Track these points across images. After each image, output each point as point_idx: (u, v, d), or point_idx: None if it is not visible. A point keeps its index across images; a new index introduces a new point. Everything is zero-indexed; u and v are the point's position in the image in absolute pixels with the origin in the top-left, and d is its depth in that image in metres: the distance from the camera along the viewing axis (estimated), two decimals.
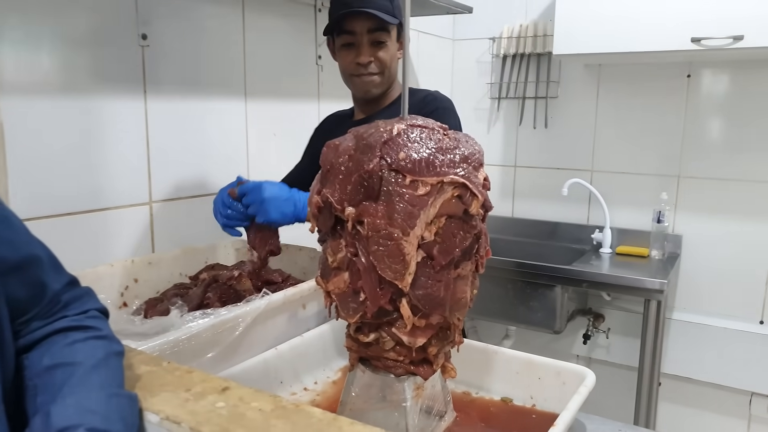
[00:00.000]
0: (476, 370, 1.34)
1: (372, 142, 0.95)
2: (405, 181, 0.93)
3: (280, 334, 1.36)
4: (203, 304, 1.41)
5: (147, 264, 1.59)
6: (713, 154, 2.96)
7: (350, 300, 1.04)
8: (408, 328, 1.00)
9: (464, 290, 1.05)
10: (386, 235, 0.93)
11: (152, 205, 1.72)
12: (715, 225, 2.99)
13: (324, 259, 1.07)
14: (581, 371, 1.26)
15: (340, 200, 0.97)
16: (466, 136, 1.02)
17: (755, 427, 3.00)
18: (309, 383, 1.36)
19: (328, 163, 1.00)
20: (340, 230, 1.02)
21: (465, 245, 1.00)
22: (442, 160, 0.95)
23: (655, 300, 2.57)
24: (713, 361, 2.95)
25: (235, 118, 1.98)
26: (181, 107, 1.79)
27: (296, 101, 2.23)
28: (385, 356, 1.08)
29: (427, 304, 0.98)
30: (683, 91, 2.99)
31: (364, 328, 1.07)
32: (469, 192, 0.97)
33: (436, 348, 1.08)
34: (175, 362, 1.12)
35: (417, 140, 0.96)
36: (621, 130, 3.16)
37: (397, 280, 0.94)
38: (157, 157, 1.72)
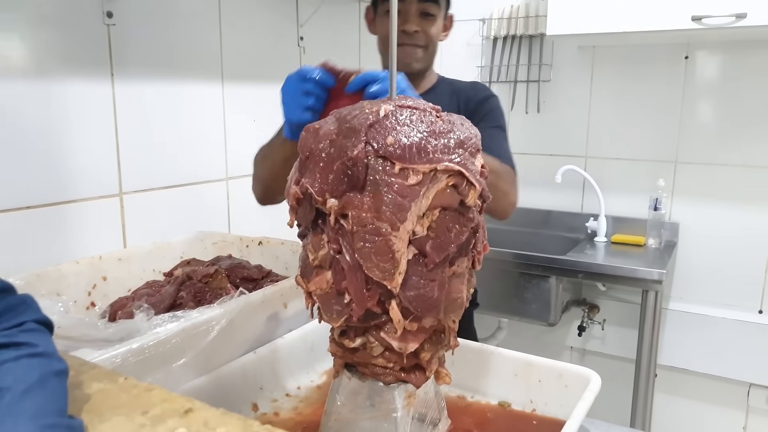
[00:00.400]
0: (471, 372, 1.26)
1: (356, 125, 0.85)
2: (394, 169, 0.83)
3: (259, 336, 1.26)
4: (176, 304, 1.30)
5: (117, 260, 1.48)
6: (711, 138, 2.88)
7: (334, 302, 0.94)
8: (398, 332, 0.90)
9: (460, 289, 0.95)
10: (373, 230, 0.83)
11: (123, 196, 1.61)
12: (714, 212, 2.91)
13: (304, 257, 0.97)
14: (585, 374, 1.17)
15: (321, 191, 0.86)
16: (461, 119, 0.92)
17: (753, 419, 2.95)
18: (292, 388, 1.27)
19: (307, 149, 0.89)
20: (322, 224, 0.92)
21: (461, 240, 0.89)
22: (435, 145, 0.85)
23: (653, 291, 2.49)
24: (710, 352, 2.89)
25: (212, 103, 1.86)
26: (152, 91, 1.66)
27: (277, 85, 2.07)
28: (374, 362, 0.99)
29: (419, 306, 0.88)
30: (681, 73, 2.90)
31: (350, 332, 0.97)
32: (466, 181, 0.87)
33: (429, 353, 0.98)
34: (143, 370, 1.02)
35: (407, 123, 0.85)
36: (616, 115, 3.07)
37: (385, 280, 0.84)
38: (127, 145, 1.61)
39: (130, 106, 1.60)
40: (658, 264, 2.56)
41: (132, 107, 1.61)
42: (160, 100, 1.69)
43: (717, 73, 2.85)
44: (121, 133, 1.59)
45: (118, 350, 0.96)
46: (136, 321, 1.07)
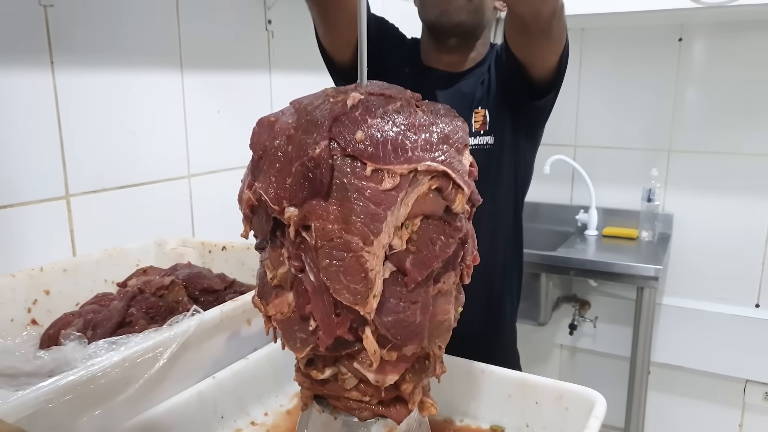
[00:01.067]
0: (460, 392, 1.12)
1: (318, 117, 0.70)
2: (365, 171, 0.68)
3: (218, 358, 1.12)
4: (125, 322, 1.15)
5: (61, 271, 1.32)
6: (707, 125, 2.77)
7: (297, 329, 0.79)
8: (374, 365, 0.76)
9: (446, 310, 0.81)
10: (342, 245, 0.69)
11: (70, 199, 1.43)
12: (709, 202, 2.80)
13: (262, 274, 0.82)
14: (589, 395, 1.04)
15: (278, 198, 0.71)
16: (445, 108, 0.77)
17: (749, 416, 2.87)
18: (258, 415, 1.13)
19: (260, 148, 0.74)
20: (281, 237, 0.77)
21: (447, 254, 0.75)
22: (414, 141, 0.70)
23: (648, 288, 2.37)
24: (705, 348, 2.80)
25: (170, 93, 1.68)
26: (100, 81, 1.48)
27: (243, 73, 1.93)
28: (347, 396, 0.84)
29: (399, 334, 0.74)
30: (674, 56, 2.78)
31: (318, 362, 0.83)
32: (452, 183, 0.72)
33: (411, 384, 0.84)
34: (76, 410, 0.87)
35: (380, 115, 0.71)
36: (606, 102, 2.95)
37: (357, 304, 0.70)
38: (73, 142, 1.43)
39: (74, 98, 1.42)
40: (653, 259, 2.44)
41: (77, 99, 1.43)
42: (109, 90, 1.50)
43: (712, 57, 2.73)
44: (66, 128, 1.41)
45: (41, 389, 0.81)
46: (67, 351, 0.92)
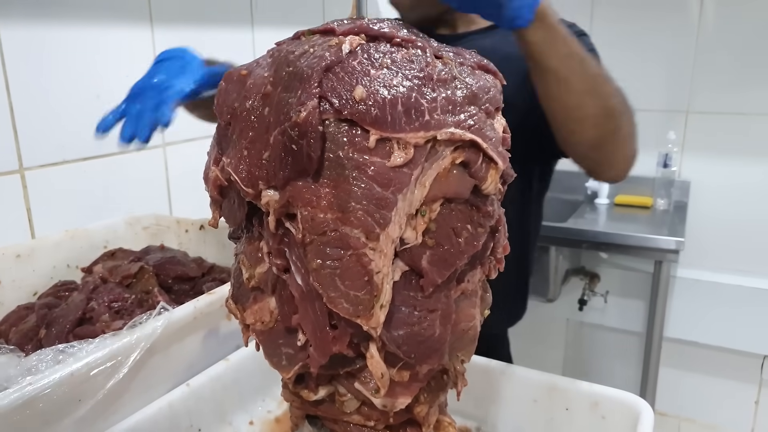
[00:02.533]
0: (478, 396, 0.98)
1: (304, 68, 0.52)
2: (367, 141, 0.51)
3: (193, 362, 0.96)
4: (85, 318, 0.98)
5: (14, 257, 1.16)
6: (728, 84, 2.57)
7: (282, 342, 0.63)
8: (382, 391, 0.59)
9: (471, 315, 0.64)
10: (337, 240, 0.52)
11: (24, 173, 1.25)
12: (728, 168, 2.63)
13: (236, 271, 0.65)
14: (632, 402, 0.90)
15: (251, 177, 0.54)
16: (472, 56, 0.59)
17: (766, 393, 2.74)
18: (242, 425, 0.98)
19: (229, 110, 0.56)
20: (259, 227, 0.60)
21: (476, 247, 0.58)
22: (433, 99, 0.52)
23: (667, 261, 2.21)
24: (722, 323, 2.65)
25: (139, 52, 1.48)
26: (56, 37, 1.28)
27: (222, 29, 1.71)
28: (347, 420, 0.68)
29: (413, 351, 0.58)
30: (695, 7, 2.58)
31: (309, 381, 0.66)
32: (482, 155, 0.55)
33: (426, 405, 0.68)
34: None
35: (387, 64, 0.53)
36: (620, 59, 2.71)
37: (359, 317, 0.54)
38: (25, 108, 1.24)
39: (24, 58, 1.23)
40: (672, 231, 2.27)
41: (28, 59, 1.24)
42: (68, 48, 1.31)
43: (734, 10, 2.53)
44: (15, 93, 1.22)
45: None
46: (1, 367, 0.75)
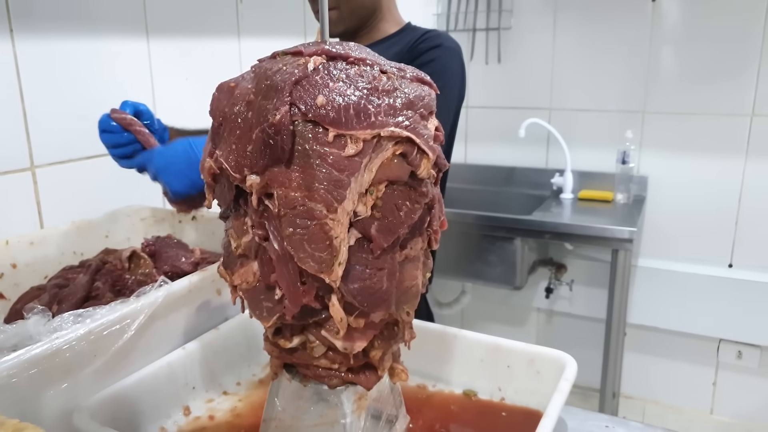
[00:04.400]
0: (432, 358, 1.13)
1: (278, 82, 0.68)
2: (327, 137, 0.67)
3: (188, 329, 1.11)
4: (90, 296, 1.13)
5: (28, 244, 1.30)
6: (680, 86, 2.76)
7: (263, 298, 0.78)
8: (341, 332, 0.75)
9: (414, 276, 0.80)
10: (305, 213, 0.68)
11: (35, 170, 1.41)
12: (683, 164, 2.81)
13: (227, 244, 0.81)
14: (559, 358, 1.05)
15: (239, 165, 0.70)
16: (413, 72, 0.75)
17: (723, 374, 2.92)
18: (230, 385, 1.13)
19: (220, 114, 0.73)
20: (244, 205, 0.76)
21: (413, 219, 0.74)
22: (378, 105, 0.68)
23: (623, 250, 2.38)
24: (680, 309, 2.83)
25: (136, 61, 1.64)
26: (63, 49, 1.44)
27: (211, 38, 1.89)
28: (316, 364, 0.84)
29: (365, 301, 0.73)
30: (647, 18, 2.76)
31: (285, 331, 0.82)
32: (417, 148, 0.71)
33: (380, 350, 0.83)
34: (42, 384, 0.86)
35: (342, 78, 0.69)
36: (581, 64, 2.93)
37: (323, 272, 0.69)
38: (37, 112, 1.39)
39: (36, 67, 1.39)
40: (627, 221, 2.45)
41: (39, 68, 1.39)
42: (72, 58, 1.47)
43: (685, 17, 2.71)
44: (29, 98, 1.37)
45: (4, 364, 0.79)
46: (30, 325, 0.90)
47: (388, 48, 1.54)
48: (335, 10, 1.48)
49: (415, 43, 1.52)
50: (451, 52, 1.52)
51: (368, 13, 1.56)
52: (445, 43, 1.52)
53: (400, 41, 1.57)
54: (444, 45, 1.51)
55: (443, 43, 1.51)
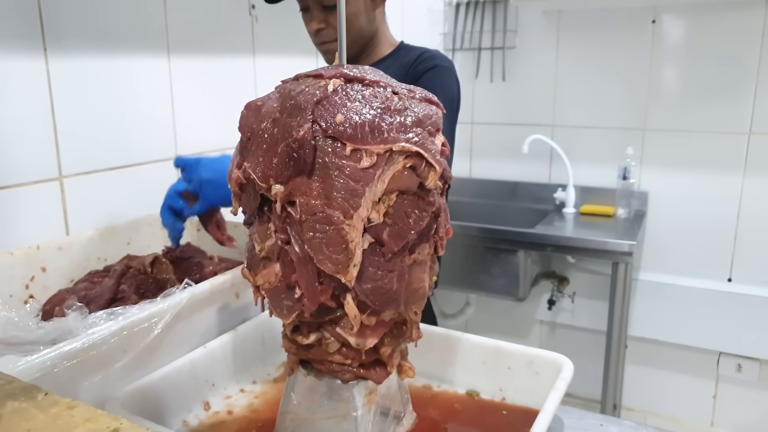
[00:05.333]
0: (437, 359, 1.20)
1: (302, 101, 0.76)
2: (345, 151, 0.74)
3: (208, 330, 1.18)
4: (116, 298, 1.21)
5: (57, 249, 1.38)
6: (680, 104, 2.83)
7: (284, 297, 0.85)
8: (355, 329, 0.83)
9: (421, 278, 0.88)
10: (324, 219, 0.75)
11: (63, 180, 1.49)
12: (682, 180, 2.87)
13: (250, 247, 0.88)
14: (557, 360, 1.11)
15: (265, 176, 0.78)
16: (422, 94, 0.83)
17: (723, 387, 2.95)
18: (246, 383, 1.20)
19: (249, 130, 0.80)
20: (268, 212, 0.83)
21: (421, 226, 0.82)
22: (390, 123, 0.76)
23: (623, 263, 2.45)
24: (680, 322, 2.87)
25: (158, 78, 1.73)
26: (91, 66, 1.53)
27: (228, 56, 1.99)
28: (330, 359, 0.91)
29: (377, 300, 0.81)
30: (648, 38, 2.83)
31: (303, 328, 0.90)
32: (425, 162, 0.79)
33: (389, 347, 0.91)
34: (78, 375, 0.93)
35: (358, 99, 0.77)
36: (583, 82, 3.00)
37: (339, 273, 0.76)
38: (66, 125, 1.48)
39: (66, 84, 1.47)
40: (627, 235, 2.51)
41: (69, 84, 1.48)
42: (99, 75, 1.56)
43: (684, 38, 2.78)
44: (59, 113, 1.46)
45: (47, 355, 0.87)
46: (69, 320, 0.98)
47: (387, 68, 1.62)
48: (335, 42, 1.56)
49: (413, 65, 1.62)
50: (447, 72, 1.63)
51: (366, 40, 1.67)
52: (441, 63, 1.62)
53: (395, 61, 1.67)
54: (440, 65, 1.62)
55: (439, 63, 1.62)
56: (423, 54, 1.65)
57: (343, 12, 0.84)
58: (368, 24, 1.64)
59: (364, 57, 1.70)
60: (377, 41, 1.70)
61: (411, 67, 1.62)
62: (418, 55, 1.65)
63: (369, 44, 1.69)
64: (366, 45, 1.68)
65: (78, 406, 0.66)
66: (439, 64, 1.61)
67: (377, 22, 1.68)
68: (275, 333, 1.23)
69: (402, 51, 1.71)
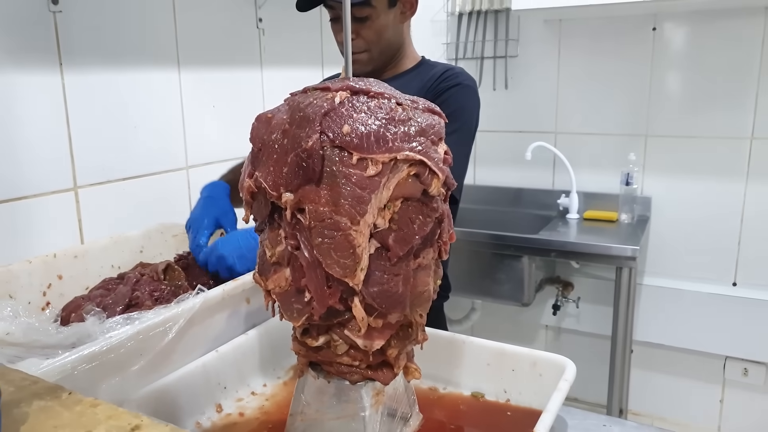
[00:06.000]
0: (443, 362, 1.22)
1: (310, 113, 0.80)
2: (351, 160, 0.78)
3: (220, 334, 1.21)
4: (132, 303, 1.24)
5: (72, 257, 1.42)
6: (681, 110, 2.86)
7: (294, 300, 0.89)
8: (362, 330, 0.86)
9: (426, 282, 0.91)
10: (332, 225, 0.79)
11: (78, 191, 1.54)
12: (685, 185, 2.90)
13: (261, 253, 0.92)
14: (560, 361, 1.14)
15: (275, 185, 0.81)
16: (425, 104, 0.87)
17: (729, 391, 2.96)
18: (257, 386, 1.22)
19: (260, 141, 0.84)
20: (279, 219, 0.87)
21: (425, 231, 0.85)
22: (394, 133, 0.80)
23: (627, 267, 2.47)
24: (685, 326, 2.88)
25: (168, 90, 1.78)
26: (104, 80, 1.58)
27: (236, 69, 2.04)
28: (339, 361, 0.95)
29: (383, 302, 0.84)
30: (648, 45, 2.87)
31: (312, 331, 0.93)
32: (428, 170, 0.82)
33: (396, 349, 0.94)
34: (96, 377, 0.97)
35: (364, 110, 0.81)
36: (585, 89, 3.04)
37: (347, 277, 0.80)
38: (80, 137, 1.53)
39: (81, 97, 1.52)
40: (631, 240, 2.54)
41: (83, 97, 1.53)
42: (112, 88, 1.61)
43: (684, 44, 2.82)
44: (73, 125, 1.51)
45: (68, 358, 0.90)
46: (88, 325, 1.01)
47: (409, 82, 1.67)
48: (366, 53, 1.62)
49: (436, 81, 1.64)
50: (470, 90, 1.65)
51: (393, 52, 1.70)
52: (464, 82, 1.64)
53: (418, 76, 1.70)
54: (462, 83, 1.64)
55: (462, 82, 1.64)
56: (447, 71, 1.67)
57: (349, 26, 0.87)
58: (396, 37, 1.67)
59: (389, 69, 1.73)
60: (402, 54, 1.73)
61: (434, 83, 1.64)
62: (442, 71, 1.67)
63: (395, 57, 1.72)
64: (392, 57, 1.71)
65: (101, 405, 0.70)
66: (462, 83, 1.63)
67: (404, 36, 1.72)
68: (284, 337, 1.26)
69: (424, 66, 1.74)
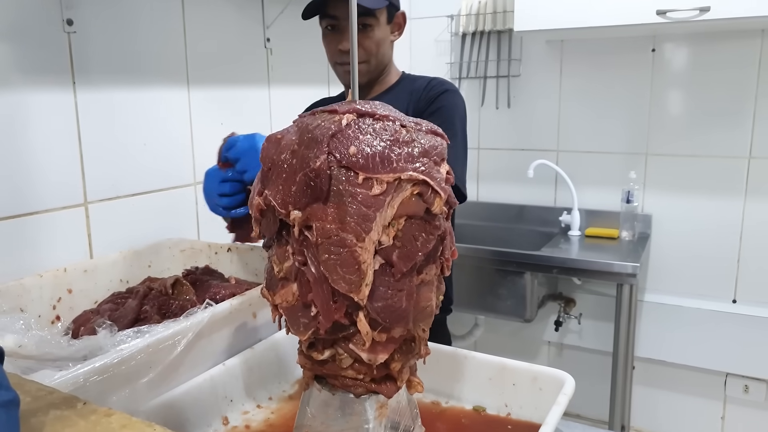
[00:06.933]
0: (445, 376, 1.25)
1: (318, 135, 0.83)
2: (357, 179, 0.81)
3: (227, 348, 1.24)
4: (140, 318, 1.27)
5: (82, 272, 1.45)
6: (681, 129, 2.90)
7: (300, 315, 0.92)
8: (367, 344, 0.89)
9: (429, 297, 0.94)
10: (338, 242, 0.81)
11: (88, 206, 1.57)
12: (685, 203, 2.93)
13: (269, 268, 0.95)
14: (559, 376, 1.16)
15: (284, 203, 0.84)
16: (428, 126, 0.90)
17: (731, 408, 2.97)
18: (263, 399, 1.25)
19: (269, 161, 0.87)
20: (287, 236, 0.90)
21: (428, 248, 0.88)
22: (398, 154, 0.83)
23: (627, 284, 2.50)
24: (686, 343, 2.90)
25: (178, 108, 1.82)
26: (116, 98, 1.63)
27: (244, 87, 2.08)
28: (343, 374, 0.97)
29: (387, 317, 0.86)
30: (648, 65, 2.91)
31: (318, 345, 0.95)
32: (431, 189, 0.85)
33: (399, 363, 0.96)
34: (107, 389, 1.00)
35: (370, 132, 0.84)
36: (586, 108, 3.08)
37: (352, 292, 0.82)
38: (91, 154, 1.57)
39: (93, 114, 1.56)
40: (632, 257, 2.56)
41: (95, 115, 1.57)
42: (123, 106, 1.65)
43: (683, 65, 2.86)
44: (85, 142, 1.55)
45: (80, 370, 0.93)
46: (99, 338, 1.04)
47: (398, 95, 1.74)
48: (365, 63, 1.67)
49: (425, 90, 1.74)
50: (456, 94, 1.76)
51: (383, 67, 1.77)
52: (450, 88, 1.76)
53: (403, 89, 1.78)
54: (449, 89, 1.75)
55: (449, 88, 1.75)
56: (432, 81, 1.77)
57: (355, 45, 0.91)
58: (389, 52, 1.76)
59: (377, 83, 1.79)
60: (389, 69, 1.79)
61: (423, 92, 1.73)
62: (427, 82, 1.76)
63: (384, 72, 1.78)
64: (382, 71, 1.77)
65: (115, 414, 0.73)
66: (449, 89, 1.74)
67: (391, 54, 1.78)
68: (289, 352, 1.29)
69: (407, 80, 1.81)
